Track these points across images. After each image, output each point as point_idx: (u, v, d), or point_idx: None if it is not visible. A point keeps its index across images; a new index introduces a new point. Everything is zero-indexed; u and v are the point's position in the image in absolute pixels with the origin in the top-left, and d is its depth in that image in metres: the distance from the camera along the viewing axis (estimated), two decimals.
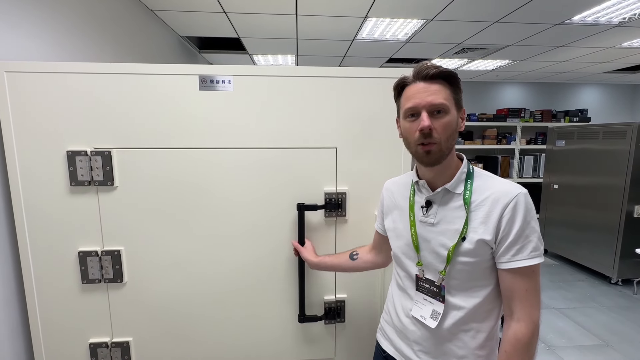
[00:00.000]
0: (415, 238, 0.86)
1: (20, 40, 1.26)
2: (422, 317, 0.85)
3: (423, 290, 0.86)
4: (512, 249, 0.75)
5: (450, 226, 0.80)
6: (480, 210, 0.78)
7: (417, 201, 0.88)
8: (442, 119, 0.77)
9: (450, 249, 0.79)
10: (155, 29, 2.77)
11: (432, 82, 0.77)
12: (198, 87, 1.15)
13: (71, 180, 1.13)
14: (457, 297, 0.82)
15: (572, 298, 2.98)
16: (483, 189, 0.80)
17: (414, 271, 0.88)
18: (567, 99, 6.16)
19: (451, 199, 0.82)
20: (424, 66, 0.78)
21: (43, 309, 1.19)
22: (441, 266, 0.82)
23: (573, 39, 3.46)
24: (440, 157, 0.79)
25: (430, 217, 0.84)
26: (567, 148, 3.69)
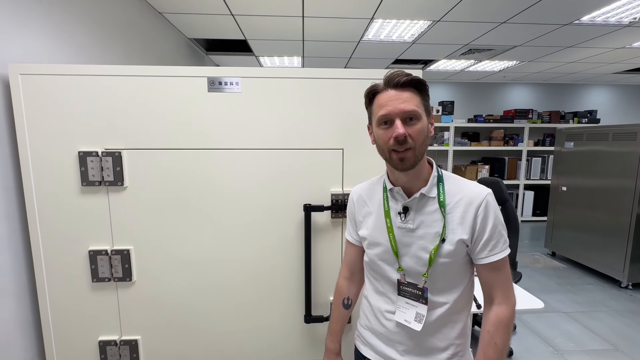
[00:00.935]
0: (394, 244, 0.86)
1: (34, 44, 1.29)
2: (406, 322, 0.86)
3: (405, 294, 0.87)
4: (489, 245, 0.82)
5: (430, 230, 0.83)
6: (455, 212, 0.83)
7: (392, 207, 0.88)
8: (415, 125, 0.79)
9: (432, 251, 0.83)
10: (164, 31, 2.80)
11: (403, 89, 0.79)
12: (207, 88, 1.16)
13: (82, 180, 1.15)
14: (439, 296, 0.86)
15: (581, 302, 2.93)
16: (455, 192, 0.85)
17: (395, 276, 0.88)
18: (575, 100, 6.08)
19: (426, 204, 0.85)
20: (394, 74, 0.79)
21: (54, 307, 1.21)
22: (423, 269, 0.84)
23: (582, 40, 3.43)
24: (414, 162, 0.81)
25: (409, 223, 0.85)
26: (576, 150, 3.65)
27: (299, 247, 1.25)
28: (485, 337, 0.84)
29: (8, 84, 1.11)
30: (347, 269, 1.04)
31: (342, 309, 1.04)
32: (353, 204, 0.98)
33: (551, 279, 3.41)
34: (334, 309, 1.06)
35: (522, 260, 3.83)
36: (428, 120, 0.82)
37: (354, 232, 0.99)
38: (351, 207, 0.99)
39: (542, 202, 5.35)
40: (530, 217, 5.46)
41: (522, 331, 2.47)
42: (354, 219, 0.98)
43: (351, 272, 1.04)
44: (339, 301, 1.05)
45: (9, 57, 1.15)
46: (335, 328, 1.05)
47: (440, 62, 4.45)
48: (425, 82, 0.81)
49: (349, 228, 1.01)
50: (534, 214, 5.46)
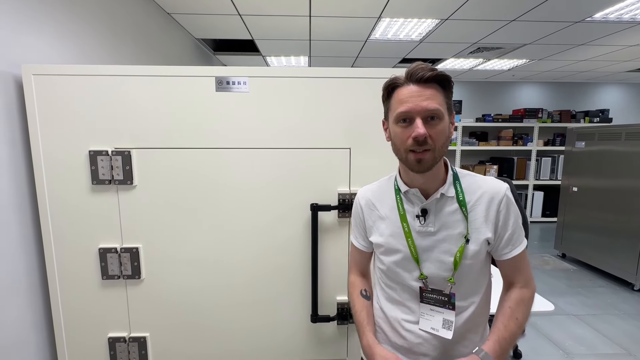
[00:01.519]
0: (414, 250, 0.80)
1: (45, 45, 1.31)
2: (433, 330, 0.80)
3: (429, 301, 0.82)
4: (512, 240, 0.81)
5: (453, 231, 0.79)
6: (478, 210, 0.79)
7: (407, 210, 0.82)
8: (437, 125, 0.73)
9: (457, 254, 0.78)
10: (172, 31, 2.83)
11: (427, 85, 0.73)
12: (214, 88, 1.17)
13: (93, 179, 1.17)
14: (464, 300, 0.82)
15: (592, 304, 2.88)
16: (474, 189, 0.81)
17: (415, 284, 0.82)
18: (587, 99, 5.97)
19: (446, 204, 0.80)
20: (418, 67, 0.73)
21: (65, 303, 1.23)
22: (448, 274, 0.80)
23: (594, 37, 3.36)
24: (432, 164, 0.76)
25: (430, 226, 0.80)
26: (588, 149, 3.58)
27: (305, 246, 1.25)
28: (507, 311, 0.81)
29: (21, 85, 1.13)
30: (355, 268, 0.99)
31: (362, 299, 0.94)
32: (360, 209, 0.91)
33: (561, 281, 3.35)
34: (354, 302, 0.95)
35: (532, 261, 3.77)
36: (449, 119, 0.76)
37: (361, 238, 0.94)
38: (358, 211, 0.92)
39: (551, 202, 5.27)
40: (539, 217, 5.38)
41: (531, 334, 2.44)
42: (363, 225, 0.92)
43: (362, 272, 1.00)
44: (356, 293, 0.95)
45: (22, 58, 1.18)
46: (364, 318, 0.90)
47: (448, 61, 4.40)
48: (450, 78, 0.75)
49: (355, 233, 0.96)
50: (544, 215, 5.38)
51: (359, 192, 0.94)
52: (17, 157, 1.15)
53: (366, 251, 0.95)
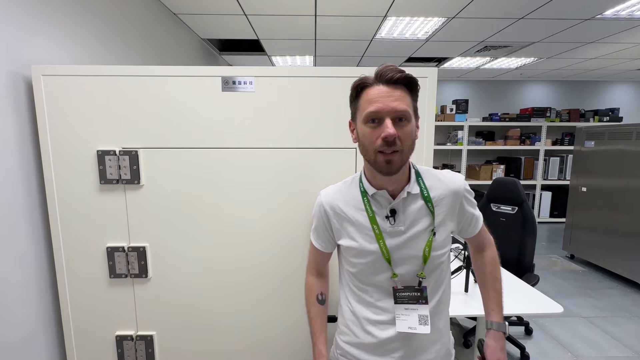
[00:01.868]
0: (385, 250, 0.81)
1: (54, 46, 1.33)
2: (411, 329, 0.81)
3: (403, 300, 0.83)
4: (475, 221, 0.92)
5: (421, 227, 0.82)
6: (443, 205, 0.84)
7: (376, 212, 0.83)
8: (405, 127, 0.74)
9: (426, 248, 0.82)
10: (178, 32, 2.85)
11: (395, 86, 0.73)
12: (221, 88, 1.17)
13: (101, 178, 1.18)
14: (434, 291, 0.86)
15: (602, 307, 2.83)
16: (437, 185, 0.85)
17: (388, 284, 0.83)
18: (596, 97, 5.87)
19: (412, 201, 0.82)
20: (387, 68, 0.74)
21: (74, 301, 1.25)
22: (419, 269, 0.83)
23: (605, 35, 3.30)
24: (400, 166, 0.76)
25: (400, 225, 0.82)
26: (597, 149, 3.52)
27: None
28: (488, 276, 0.95)
29: (31, 85, 1.14)
30: (314, 268, 0.99)
31: (318, 306, 0.97)
32: (325, 212, 0.89)
33: (570, 282, 3.30)
34: (309, 307, 0.98)
35: (539, 262, 3.72)
36: (416, 123, 0.77)
37: (323, 242, 0.93)
38: (322, 215, 0.90)
39: (560, 203, 5.20)
40: (547, 218, 5.32)
41: (539, 335, 2.41)
42: (329, 228, 0.90)
43: (318, 271, 0.99)
44: (312, 298, 0.98)
45: (31, 59, 1.19)
46: (318, 327, 0.96)
47: (454, 60, 4.37)
48: (417, 81, 0.76)
49: (315, 235, 0.94)
50: (552, 215, 5.31)
51: (322, 196, 0.92)
52: (27, 157, 1.17)
53: (327, 252, 0.96)
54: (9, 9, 1.11)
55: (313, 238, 0.96)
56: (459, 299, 1.54)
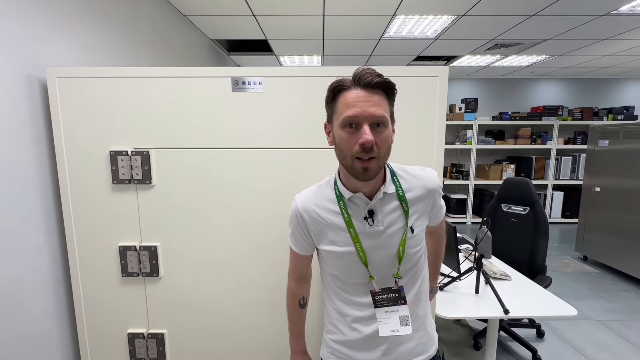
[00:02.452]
0: (362, 253, 0.81)
1: (67, 48, 1.35)
2: (394, 332, 0.82)
3: (382, 303, 0.83)
4: (441, 212, 0.96)
5: (397, 226, 0.82)
6: (418, 203, 0.85)
7: (353, 215, 0.82)
8: (382, 132, 0.74)
9: (400, 247, 0.82)
10: (188, 33, 2.87)
11: (373, 91, 0.73)
12: (230, 88, 1.18)
13: (113, 178, 1.20)
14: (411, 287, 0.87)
15: (616, 309, 2.77)
16: (412, 183, 0.86)
17: (367, 286, 0.84)
18: (610, 95, 5.73)
19: (388, 201, 0.83)
20: (365, 72, 0.73)
21: (87, 299, 1.27)
22: (394, 269, 0.83)
23: (619, 31, 3.22)
24: (377, 172, 0.77)
25: (379, 225, 0.82)
26: (612, 148, 3.44)
27: None
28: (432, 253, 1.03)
29: (46, 87, 1.17)
30: (296, 273, 0.97)
31: (299, 310, 0.99)
32: (301, 218, 0.87)
33: (583, 284, 3.23)
34: (291, 312, 1.00)
35: (551, 264, 3.66)
36: (392, 127, 0.77)
37: (302, 246, 0.91)
38: (299, 220, 0.88)
39: (572, 203, 5.09)
40: (559, 219, 5.22)
41: (551, 338, 2.37)
42: (306, 233, 0.89)
43: (301, 276, 0.98)
44: (294, 303, 0.99)
45: (46, 62, 1.21)
46: (296, 330, 1.01)
47: (464, 58, 4.31)
48: (394, 86, 0.76)
49: (296, 241, 0.92)
50: (564, 216, 5.21)
51: (297, 201, 0.90)
52: (43, 157, 1.19)
53: (307, 255, 0.94)
54: (25, 14, 1.14)
55: (292, 243, 0.94)
56: (469, 301, 1.53)
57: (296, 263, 0.96)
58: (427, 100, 1.19)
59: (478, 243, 1.59)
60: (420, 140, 1.20)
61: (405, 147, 1.21)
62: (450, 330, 2.46)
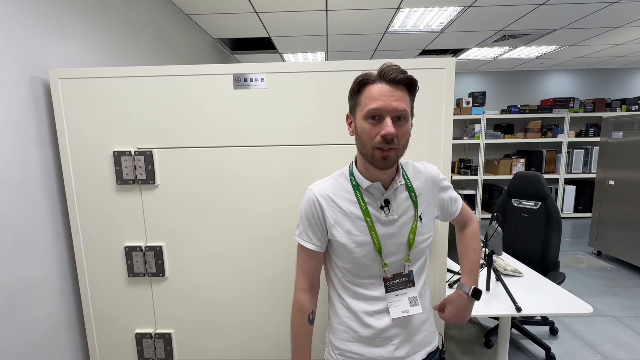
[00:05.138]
0: (377, 242, 0.85)
1: (70, 50, 1.35)
2: (404, 312, 0.87)
3: (393, 287, 0.87)
4: (453, 203, 0.98)
5: (408, 215, 0.87)
6: (425, 193, 0.90)
7: (369, 204, 0.86)
8: (403, 126, 0.78)
9: (410, 235, 0.86)
10: (190, 32, 2.87)
11: (397, 86, 0.77)
12: (232, 86, 1.16)
13: (117, 179, 1.19)
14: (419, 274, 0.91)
15: (632, 305, 2.69)
16: (417, 175, 0.91)
17: (380, 274, 0.88)
18: (623, 85, 5.57)
19: (400, 191, 0.88)
20: (391, 68, 0.77)
21: (94, 300, 1.27)
22: (405, 254, 0.87)
23: (633, 19, 3.11)
24: (395, 162, 0.82)
25: (394, 214, 0.86)
26: (626, 140, 3.34)
27: None
28: (465, 247, 1.03)
29: (49, 88, 1.17)
30: (306, 281, 0.92)
31: (308, 327, 0.92)
32: (319, 207, 0.86)
33: (597, 280, 3.16)
34: (299, 329, 0.92)
35: (564, 259, 3.58)
36: (411, 122, 0.82)
37: (318, 239, 0.88)
38: (315, 210, 0.86)
39: (585, 197, 4.98)
40: (571, 213, 5.10)
41: (565, 335, 2.31)
42: (322, 224, 0.87)
43: (310, 284, 0.92)
44: (303, 319, 0.91)
45: (49, 63, 1.21)
46: (304, 349, 0.92)
47: (470, 51, 4.23)
48: (417, 82, 0.80)
49: (308, 234, 0.88)
50: (576, 210, 5.10)
51: (313, 190, 0.88)
52: (47, 159, 1.20)
53: (320, 252, 0.90)
54: (27, 17, 1.14)
55: (304, 240, 0.89)
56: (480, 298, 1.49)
57: (307, 267, 0.91)
58: (433, 94, 1.15)
59: (488, 239, 1.55)
60: (427, 135, 1.17)
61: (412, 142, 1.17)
62: (460, 328, 2.42)
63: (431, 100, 1.16)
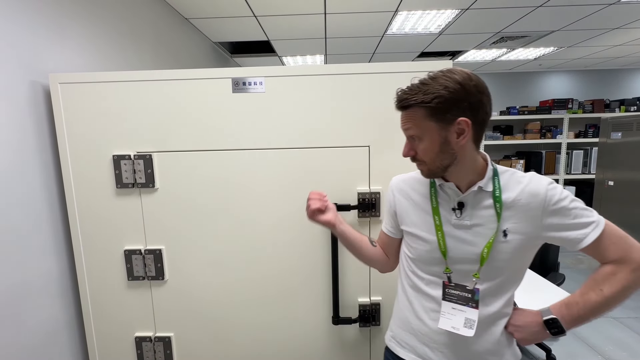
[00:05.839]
0: (442, 243, 0.82)
1: (70, 54, 1.36)
2: (453, 329, 0.80)
3: (452, 298, 0.82)
4: (577, 230, 0.75)
5: (485, 226, 0.79)
6: (519, 207, 0.78)
7: (441, 203, 0.84)
8: (419, 145, 0.79)
9: (485, 249, 0.78)
10: (190, 36, 2.88)
11: (407, 110, 0.78)
12: (231, 89, 1.17)
13: (117, 182, 1.20)
14: (490, 298, 0.81)
15: (633, 306, 2.69)
16: (512, 186, 0.80)
17: (441, 277, 0.84)
18: (622, 86, 5.58)
19: (482, 198, 0.80)
20: (396, 96, 0.79)
21: (94, 303, 1.28)
22: (474, 268, 0.80)
23: (631, 20, 3.13)
24: (429, 174, 0.83)
25: (466, 219, 0.81)
26: (625, 140, 3.34)
27: (326, 247, 1.23)
28: (590, 282, 0.78)
29: (49, 93, 1.17)
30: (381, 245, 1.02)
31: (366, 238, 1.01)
32: (393, 196, 0.94)
33: None
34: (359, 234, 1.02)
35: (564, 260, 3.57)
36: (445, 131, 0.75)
37: (391, 226, 0.97)
38: (390, 198, 0.95)
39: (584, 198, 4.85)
40: None
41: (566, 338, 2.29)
42: (394, 211, 0.94)
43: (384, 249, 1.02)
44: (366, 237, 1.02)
45: (49, 68, 1.22)
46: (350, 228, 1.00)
47: (469, 53, 4.25)
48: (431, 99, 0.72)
49: (386, 219, 0.99)
50: None
51: (392, 180, 0.97)
52: (47, 163, 1.20)
53: (393, 236, 0.97)
54: (28, 21, 1.14)
55: (383, 223, 1.01)
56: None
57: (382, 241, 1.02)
58: None
59: None
60: None
61: None
62: None
63: None
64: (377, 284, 1.26)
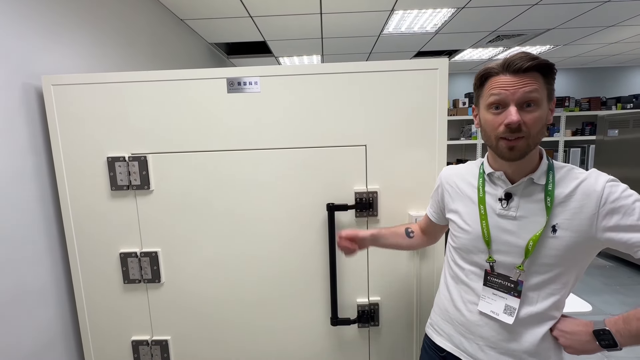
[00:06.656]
0: (487, 232, 0.81)
1: (63, 55, 1.34)
2: (493, 313, 0.80)
3: (493, 285, 0.82)
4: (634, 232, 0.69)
5: (534, 219, 0.76)
6: (572, 203, 0.74)
7: (488, 193, 0.83)
8: (533, 112, 0.72)
9: (530, 242, 0.76)
10: (186, 37, 2.87)
11: (524, 74, 0.71)
12: (226, 90, 1.16)
13: (112, 185, 1.19)
14: (536, 292, 0.78)
15: (632, 303, 2.69)
16: (567, 181, 0.76)
17: (483, 266, 0.83)
18: (618, 84, 5.61)
19: (533, 191, 0.78)
20: (516, 57, 0.71)
21: (90, 307, 1.26)
22: (519, 260, 0.78)
23: (626, 17, 3.14)
24: (525, 152, 0.75)
25: (512, 210, 0.79)
26: (621, 138, 3.35)
27: (323, 247, 1.22)
28: None
29: (42, 95, 1.16)
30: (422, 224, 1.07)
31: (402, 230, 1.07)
32: (441, 184, 0.96)
33: (596, 278, 3.15)
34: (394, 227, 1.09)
35: None
36: (548, 106, 0.75)
37: (434, 211, 1.01)
38: (439, 188, 0.97)
39: None
40: None
41: None
42: (441, 199, 0.96)
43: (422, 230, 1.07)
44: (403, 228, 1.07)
45: (42, 70, 1.21)
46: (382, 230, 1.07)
47: (465, 52, 4.25)
48: (552, 65, 0.72)
49: (431, 206, 1.02)
50: None
51: (442, 171, 0.99)
52: (41, 165, 1.19)
53: (435, 222, 1.01)
54: (20, 22, 1.13)
55: (427, 207, 1.05)
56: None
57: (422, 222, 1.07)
58: (427, 94, 1.15)
59: None
60: (422, 136, 1.17)
61: (405, 145, 1.18)
62: None
63: (425, 101, 1.16)
64: (376, 284, 1.25)
